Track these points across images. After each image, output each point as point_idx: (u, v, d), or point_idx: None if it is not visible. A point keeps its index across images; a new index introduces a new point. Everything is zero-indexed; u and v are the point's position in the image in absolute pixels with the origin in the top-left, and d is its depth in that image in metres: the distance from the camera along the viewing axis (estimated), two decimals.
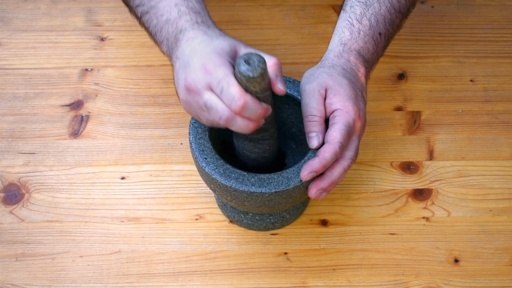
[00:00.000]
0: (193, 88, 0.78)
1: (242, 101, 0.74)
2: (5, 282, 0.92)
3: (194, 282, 0.92)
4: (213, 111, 0.76)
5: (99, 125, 1.05)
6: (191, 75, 0.78)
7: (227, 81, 0.74)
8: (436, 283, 0.92)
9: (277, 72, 0.77)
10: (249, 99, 0.74)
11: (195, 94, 0.78)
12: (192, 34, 0.83)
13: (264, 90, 0.76)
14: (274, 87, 0.77)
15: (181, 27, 0.84)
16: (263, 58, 0.74)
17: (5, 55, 1.13)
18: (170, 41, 0.86)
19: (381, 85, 1.09)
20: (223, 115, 0.76)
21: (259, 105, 0.75)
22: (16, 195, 0.99)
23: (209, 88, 0.76)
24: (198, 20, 0.85)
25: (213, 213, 0.97)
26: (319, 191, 0.82)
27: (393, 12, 0.92)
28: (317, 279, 0.92)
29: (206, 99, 0.77)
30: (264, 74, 0.74)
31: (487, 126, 1.05)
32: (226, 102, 0.75)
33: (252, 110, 0.75)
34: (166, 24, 0.86)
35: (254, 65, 0.73)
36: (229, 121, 0.76)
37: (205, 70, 0.76)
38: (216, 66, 0.76)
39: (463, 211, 0.97)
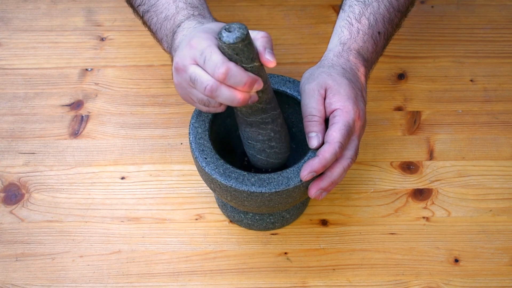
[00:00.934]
0: (180, 65, 0.77)
1: (225, 67, 0.73)
2: (5, 282, 0.92)
3: (194, 282, 0.92)
4: (198, 83, 0.75)
5: (99, 125, 1.05)
6: (178, 54, 0.78)
7: (209, 51, 0.74)
8: (436, 283, 0.92)
9: (265, 44, 0.76)
10: (232, 66, 0.73)
11: (182, 72, 0.78)
12: (187, 25, 0.84)
13: (249, 59, 0.74)
14: (262, 57, 0.75)
15: (179, 21, 0.85)
16: (244, 25, 0.73)
17: (5, 55, 1.13)
18: (168, 37, 0.86)
19: (381, 85, 1.09)
20: (207, 84, 0.74)
21: (243, 72, 0.74)
22: (16, 195, 0.99)
23: (194, 62, 0.76)
24: (194, 13, 0.85)
25: (213, 213, 0.97)
26: (319, 191, 0.82)
27: (392, 11, 0.92)
28: (317, 279, 0.92)
29: (191, 72, 0.76)
30: (246, 39, 0.73)
31: (487, 126, 1.05)
32: (210, 71, 0.74)
33: (236, 77, 0.74)
34: (165, 21, 0.87)
35: (235, 31, 0.72)
36: (214, 91, 0.75)
37: (190, 45, 0.76)
38: (200, 40, 0.75)
39: (463, 211, 0.97)
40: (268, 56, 0.75)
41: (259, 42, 0.76)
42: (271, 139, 0.85)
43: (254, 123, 0.83)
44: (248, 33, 0.73)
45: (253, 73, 0.75)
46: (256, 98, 0.77)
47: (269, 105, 0.81)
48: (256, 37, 0.76)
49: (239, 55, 0.73)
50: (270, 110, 0.82)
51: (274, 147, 0.86)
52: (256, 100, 0.78)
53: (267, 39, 0.76)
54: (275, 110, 0.83)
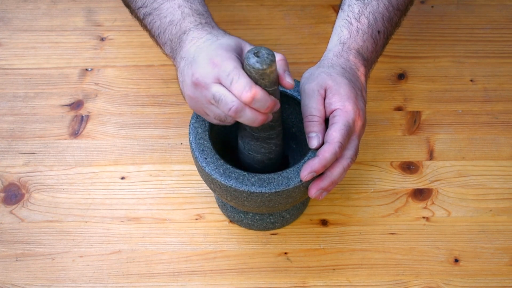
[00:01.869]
0: (201, 82, 0.78)
1: (253, 91, 0.75)
2: (5, 282, 0.92)
3: (194, 282, 0.92)
4: (222, 103, 0.77)
5: (99, 125, 1.05)
6: (199, 70, 0.78)
7: (237, 73, 0.75)
8: (436, 283, 0.92)
9: (284, 67, 0.78)
10: (259, 90, 0.75)
11: (202, 89, 0.78)
12: (197, 34, 0.84)
13: (273, 83, 0.77)
14: (282, 81, 0.78)
15: (185, 28, 0.85)
16: (272, 51, 0.75)
17: (5, 55, 1.13)
18: (173, 42, 0.86)
19: (381, 85, 1.09)
20: (232, 106, 0.76)
21: (268, 97, 0.76)
22: (16, 195, 0.99)
23: (217, 81, 0.77)
24: (202, 21, 0.85)
25: (213, 213, 0.97)
26: (319, 191, 0.82)
27: (391, 9, 0.92)
28: (317, 279, 0.92)
29: (214, 91, 0.77)
30: (273, 66, 0.75)
31: (487, 126, 1.05)
32: (236, 93, 0.75)
33: (261, 101, 0.76)
34: (170, 26, 0.86)
35: (264, 57, 0.74)
36: (239, 112, 0.76)
37: (213, 64, 0.77)
38: (224, 60, 0.76)
39: (463, 211, 0.97)
40: (288, 79, 0.78)
41: (279, 64, 0.78)
42: (272, 152, 0.86)
43: (261, 138, 0.84)
44: (275, 60, 0.75)
45: (273, 95, 0.77)
46: (271, 118, 0.80)
47: (277, 122, 0.84)
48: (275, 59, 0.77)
49: (265, 80, 0.76)
50: (277, 127, 0.84)
51: (273, 159, 0.87)
52: (271, 119, 0.80)
53: (285, 62, 0.79)
54: (280, 126, 0.85)
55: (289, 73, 0.79)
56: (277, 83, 0.78)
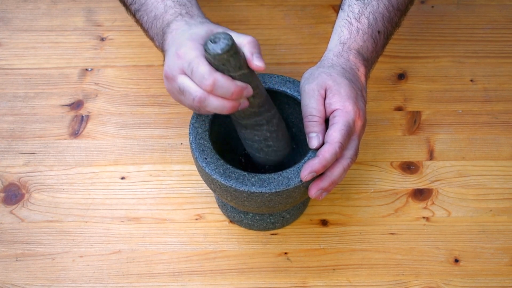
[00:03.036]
0: (169, 74, 0.78)
1: (211, 78, 0.74)
2: (5, 282, 0.92)
3: (194, 282, 0.92)
4: (187, 94, 0.76)
5: (99, 125, 1.05)
6: (167, 63, 0.79)
7: (197, 62, 0.75)
8: (436, 283, 0.92)
9: (252, 49, 0.76)
10: (218, 76, 0.74)
11: (171, 81, 0.79)
12: (175, 26, 0.84)
13: (236, 67, 0.75)
14: (250, 63, 0.76)
15: (167, 20, 0.86)
16: (229, 35, 0.73)
17: (5, 55, 1.13)
18: (159, 36, 0.87)
19: (381, 85, 1.09)
20: (195, 96, 0.76)
21: (231, 82, 0.75)
22: (16, 195, 0.99)
23: (182, 72, 0.77)
24: (182, 12, 0.86)
25: (213, 213, 0.97)
26: (319, 191, 0.82)
27: (391, 9, 0.92)
28: (317, 279, 0.92)
29: (179, 82, 0.77)
30: (231, 50, 0.73)
31: (487, 126, 1.05)
32: (197, 82, 0.75)
33: (223, 88, 0.74)
34: (155, 20, 0.87)
35: (220, 42, 0.73)
36: (203, 101, 0.76)
37: (178, 55, 0.77)
38: (187, 50, 0.76)
39: (463, 211, 0.97)
40: (257, 61, 0.76)
41: (246, 48, 0.76)
42: (268, 139, 0.85)
43: (249, 125, 0.83)
44: (233, 44, 0.73)
45: (242, 80, 0.76)
46: (246, 104, 0.78)
47: (262, 108, 0.82)
48: (242, 43, 0.76)
49: (226, 65, 0.74)
50: (263, 113, 0.82)
51: (272, 146, 0.86)
52: (247, 106, 0.78)
53: (254, 44, 0.76)
54: (269, 111, 0.83)
55: (259, 55, 0.76)
56: (245, 67, 0.76)
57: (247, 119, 0.82)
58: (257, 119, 0.82)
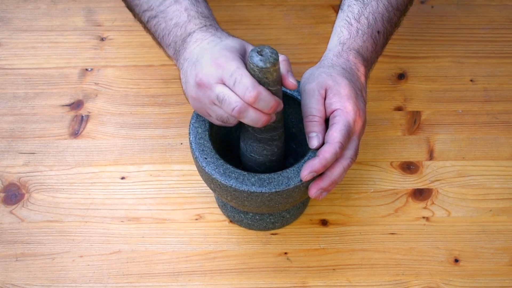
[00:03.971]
0: (205, 82, 0.78)
1: (256, 91, 0.75)
2: (5, 282, 0.92)
3: (194, 282, 0.92)
4: (226, 103, 0.77)
5: (99, 125, 1.05)
6: (202, 71, 0.79)
7: (240, 73, 0.75)
8: (436, 283, 0.92)
9: (287, 67, 0.79)
10: (262, 90, 0.75)
11: (206, 89, 0.78)
12: (200, 36, 0.84)
13: (276, 82, 0.77)
14: (285, 81, 0.78)
15: (190, 30, 0.85)
16: (275, 50, 0.75)
17: (5, 55, 1.13)
18: (177, 44, 0.86)
19: (381, 85, 1.09)
20: (236, 106, 0.76)
21: (272, 96, 0.76)
22: (16, 195, 0.99)
23: (221, 81, 0.77)
24: (206, 24, 0.86)
25: (213, 213, 0.97)
26: (319, 191, 0.82)
27: (391, 9, 0.92)
28: (317, 279, 0.92)
29: (218, 92, 0.77)
30: (277, 64, 0.75)
31: (487, 126, 1.05)
32: (240, 93, 0.76)
33: (265, 101, 0.76)
34: (175, 28, 0.87)
35: (267, 56, 0.74)
36: (242, 112, 0.76)
37: (217, 64, 0.77)
38: (227, 61, 0.77)
39: (463, 211, 0.97)
40: (292, 79, 0.79)
41: (282, 65, 0.78)
42: (274, 154, 0.86)
43: (263, 139, 0.84)
44: (278, 59, 0.75)
45: (276, 95, 0.78)
46: (274, 118, 0.80)
47: (280, 123, 0.84)
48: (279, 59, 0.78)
49: (268, 78, 0.76)
50: (279, 128, 0.84)
51: (274, 161, 0.87)
52: (274, 120, 0.80)
53: (288, 62, 0.79)
54: (283, 127, 0.85)
55: (292, 74, 0.79)
56: (280, 83, 0.78)
57: (265, 133, 0.83)
58: (273, 134, 0.84)
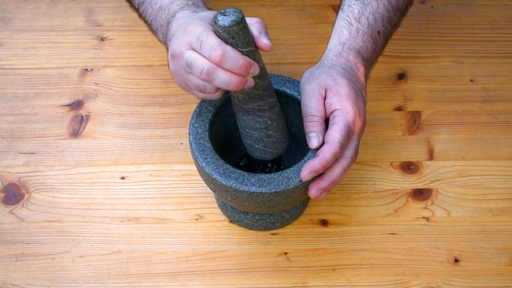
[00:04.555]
0: (176, 52, 0.78)
1: (221, 49, 0.74)
2: (5, 282, 0.92)
3: (194, 282, 0.92)
4: (195, 67, 0.76)
5: (99, 125, 1.05)
6: (174, 42, 0.79)
7: (206, 34, 0.75)
8: (436, 283, 0.92)
9: (260, 29, 0.77)
10: (228, 48, 0.74)
11: (178, 58, 0.78)
12: (181, 15, 0.85)
13: (245, 42, 0.75)
14: (258, 41, 0.77)
15: (173, 11, 0.86)
16: (239, 9, 0.74)
17: (5, 55, 1.13)
18: (163, 27, 0.87)
19: (381, 85, 1.09)
20: (203, 68, 0.75)
21: (240, 55, 0.75)
22: (16, 195, 0.99)
23: (190, 47, 0.77)
24: (188, 3, 0.87)
25: (213, 213, 0.97)
26: (319, 191, 0.82)
27: (391, 10, 0.92)
28: (317, 279, 0.92)
29: (187, 57, 0.77)
30: (241, 23, 0.74)
31: (487, 126, 1.05)
32: (206, 54, 0.75)
33: (232, 59, 0.74)
34: (160, 11, 0.88)
35: (230, 15, 0.74)
36: (210, 74, 0.75)
37: (185, 32, 0.77)
38: (195, 27, 0.76)
39: (463, 211, 0.97)
40: (264, 39, 0.77)
41: (254, 27, 0.77)
42: (269, 127, 0.85)
43: (251, 110, 0.83)
44: (243, 17, 0.74)
45: (248, 57, 0.76)
46: (252, 83, 0.78)
47: (266, 92, 0.82)
48: (250, 23, 0.77)
49: (235, 38, 0.75)
50: (267, 97, 0.82)
51: (272, 136, 0.86)
52: (253, 85, 0.78)
53: (262, 24, 0.78)
54: (272, 97, 0.83)
55: (266, 34, 0.77)
56: (252, 44, 0.77)
57: (251, 103, 0.82)
58: (260, 103, 0.82)
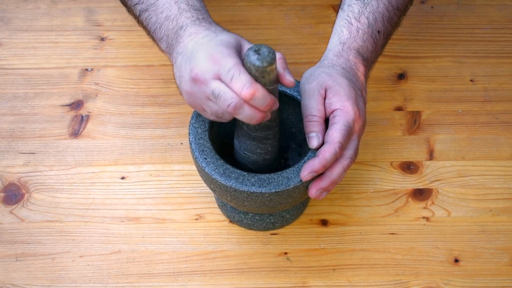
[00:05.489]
0: (200, 78, 0.78)
1: (253, 88, 0.75)
2: (5, 282, 0.92)
3: (194, 282, 0.92)
4: (222, 99, 0.76)
5: (99, 125, 1.05)
6: (198, 66, 0.78)
7: (238, 69, 0.75)
8: (436, 283, 0.92)
9: (284, 65, 0.78)
10: (259, 87, 0.75)
11: (201, 84, 0.78)
12: (194, 30, 0.83)
13: (272, 82, 0.77)
14: (283, 79, 0.78)
15: (182, 23, 0.85)
16: (272, 49, 0.75)
17: (5, 55, 1.13)
18: (170, 38, 0.86)
19: (381, 85, 1.09)
20: (232, 102, 0.76)
21: (268, 94, 0.76)
22: (16, 195, 0.99)
23: (217, 77, 0.77)
24: (199, 17, 0.85)
25: (213, 213, 0.97)
26: (319, 191, 0.82)
27: (391, 9, 0.92)
28: (317, 279, 0.92)
29: (214, 87, 0.77)
30: (274, 64, 0.75)
31: (487, 126, 1.05)
32: (236, 89, 0.75)
33: (261, 99, 0.75)
34: (166, 21, 0.86)
35: (264, 55, 0.74)
36: (238, 108, 0.76)
37: (213, 60, 0.77)
38: (224, 56, 0.76)
39: (463, 211, 0.97)
40: (289, 77, 0.78)
41: (278, 63, 0.78)
42: (267, 153, 0.86)
43: (257, 138, 0.84)
44: (275, 58, 0.75)
45: (272, 93, 0.77)
46: (269, 117, 0.79)
47: (274, 122, 0.83)
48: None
49: (265, 78, 0.76)
50: (274, 127, 0.84)
51: (267, 160, 0.87)
52: (269, 118, 0.80)
53: (284, 60, 0.79)
54: (277, 126, 0.85)
55: (289, 71, 0.79)
56: (277, 81, 0.78)
57: (260, 132, 0.83)
58: (267, 132, 0.83)
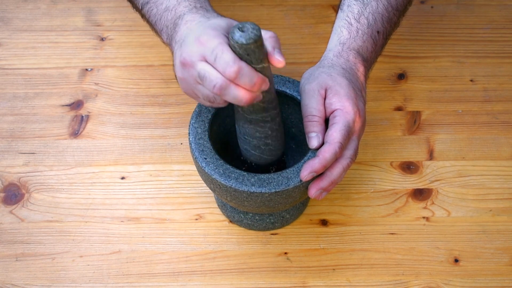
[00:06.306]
0: (188, 61, 0.77)
1: (236, 66, 0.73)
2: (5, 282, 0.92)
3: (194, 282, 0.92)
4: (207, 80, 0.75)
5: (99, 125, 1.05)
6: (186, 50, 0.77)
7: (221, 49, 0.73)
8: (436, 283, 0.92)
9: (274, 44, 0.76)
10: (244, 65, 0.73)
11: (189, 67, 0.77)
12: (190, 18, 0.83)
13: (259, 60, 0.74)
14: (271, 58, 0.75)
15: (180, 12, 0.85)
16: (257, 26, 0.73)
17: (5, 55, 1.13)
18: (169, 28, 0.86)
19: (381, 85, 1.09)
20: (217, 82, 0.74)
21: (254, 72, 0.74)
22: (16, 195, 0.99)
23: (203, 59, 0.75)
24: (196, 5, 0.85)
25: (213, 213, 0.97)
26: (319, 191, 0.82)
27: (390, 10, 0.92)
28: (317, 279, 0.92)
29: (199, 69, 0.76)
30: (258, 41, 0.73)
31: (487, 126, 1.05)
32: (220, 69, 0.74)
33: (247, 77, 0.73)
34: (165, 12, 0.87)
35: (248, 32, 0.72)
36: (223, 89, 0.74)
37: (199, 42, 0.76)
38: (210, 38, 0.75)
39: (463, 211, 0.97)
40: (278, 56, 0.75)
41: (268, 42, 0.75)
42: (268, 137, 0.85)
43: (254, 120, 0.82)
44: (261, 35, 0.73)
45: (261, 73, 0.75)
46: (260, 97, 0.77)
47: (271, 105, 0.82)
48: (264, 37, 0.75)
49: (250, 55, 0.73)
50: (271, 109, 0.82)
51: (269, 144, 0.86)
52: (260, 99, 0.78)
53: (276, 39, 0.76)
54: (275, 109, 0.83)
55: (280, 51, 0.76)
56: (266, 60, 0.75)
57: (255, 114, 0.81)
58: (264, 115, 0.82)
